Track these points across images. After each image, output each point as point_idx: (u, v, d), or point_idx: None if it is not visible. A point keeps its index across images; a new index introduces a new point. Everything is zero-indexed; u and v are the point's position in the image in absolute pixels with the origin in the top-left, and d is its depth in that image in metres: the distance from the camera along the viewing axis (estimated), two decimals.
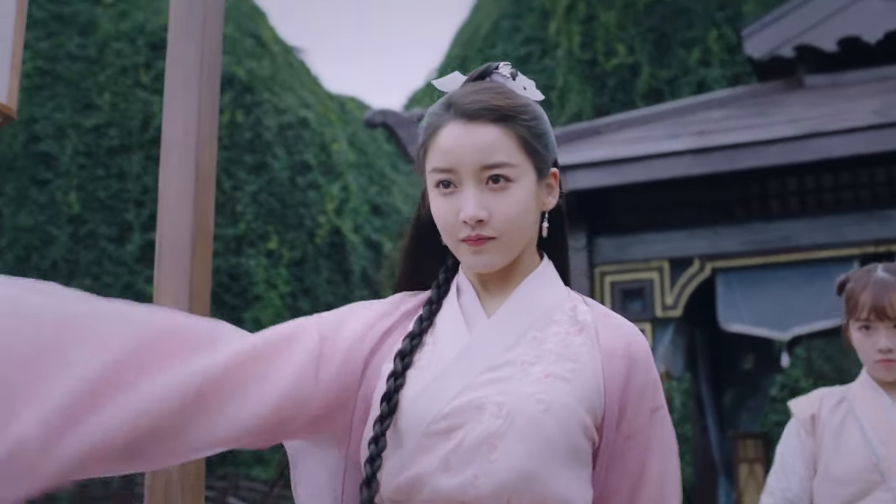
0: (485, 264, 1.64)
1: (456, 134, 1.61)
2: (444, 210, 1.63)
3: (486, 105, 1.62)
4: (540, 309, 1.68)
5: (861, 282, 2.88)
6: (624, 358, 1.64)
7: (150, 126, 20.36)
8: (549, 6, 18.87)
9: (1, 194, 20.05)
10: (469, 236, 1.61)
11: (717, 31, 17.00)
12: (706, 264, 6.95)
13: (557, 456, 1.53)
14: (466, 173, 1.60)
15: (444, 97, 1.68)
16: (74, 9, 21.56)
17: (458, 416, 1.55)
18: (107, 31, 21.43)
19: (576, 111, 17.45)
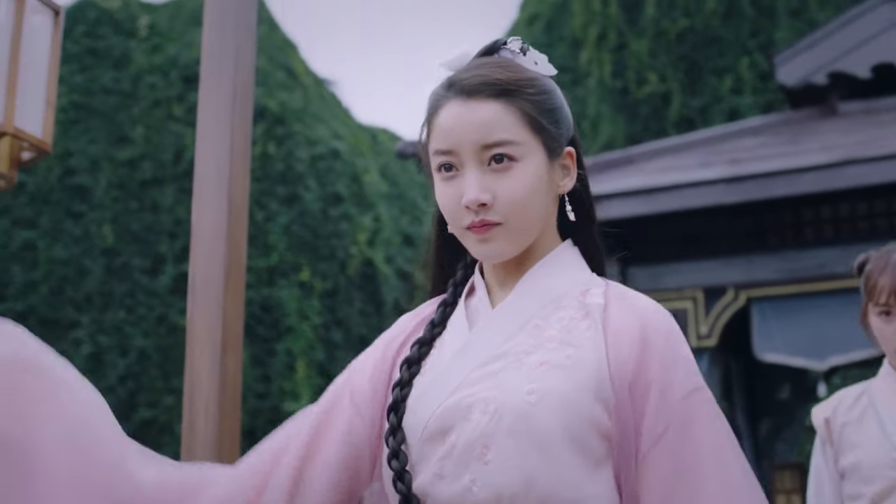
0: (492, 253, 1.51)
1: (455, 112, 1.50)
2: (447, 196, 1.51)
3: (486, 79, 1.50)
4: (547, 296, 1.53)
5: (880, 263, 2.59)
6: (636, 339, 1.45)
7: (183, 158, 20.49)
8: (580, 35, 18.88)
9: (36, 227, 20.21)
10: (473, 222, 1.48)
11: (749, 58, 16.95)
12: (740, 293, 6.89)
13: (559, 453, 1.37)
14: (467, 154, 1.48)
15: (448, 76, 1.56)
16: (109, 43, 21.79)
17: (450, 418, 1.43)
18: (140, 65, 21.64)
19: (608, 140, 17.42)
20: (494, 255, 1.52)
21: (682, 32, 17.59)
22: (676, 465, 1.39)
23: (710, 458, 1.40)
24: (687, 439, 1.41)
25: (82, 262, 20.23)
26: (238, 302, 2.39)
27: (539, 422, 1.37)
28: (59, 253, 20.11)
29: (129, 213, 20.64)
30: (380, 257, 23.10)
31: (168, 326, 20.81)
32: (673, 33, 17.63)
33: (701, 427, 1.43)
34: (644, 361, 1.44)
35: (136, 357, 20.94)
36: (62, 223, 20.34)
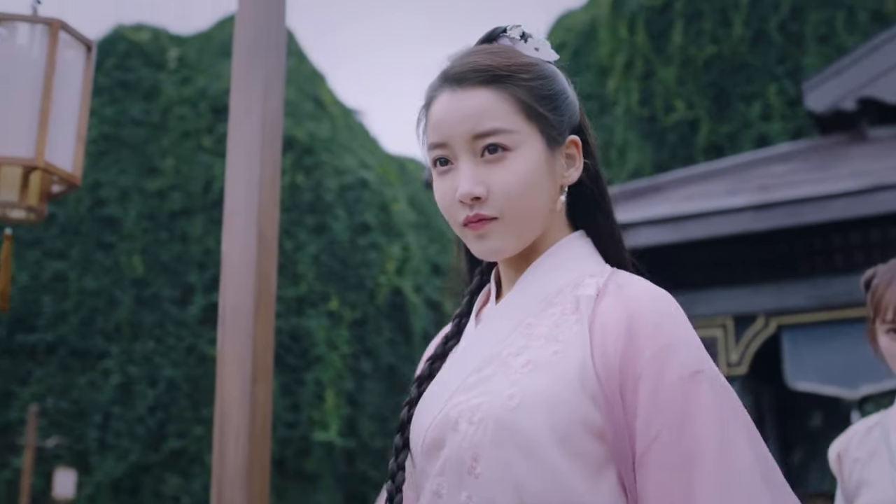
0: (491, 250, 1.41)
1: (445, 103, 1.41)
2: (442, 191, 1.42)
3: (475, 66, 1.41)
4: (542, 292, 1.43)
5: (887, 276, 2.33)
6: (621, 331, 1.31)
7: (212, 189, 20.62)
8: (606, 63, 18.91)
9: (66, 258, 20.36)
10: (468, 217, 1.38)
11: (777, 85, 16.92)
12: (771, 320, 6.85)
13: (549, 458, 1.26)
14: (459, 146, 1.39)
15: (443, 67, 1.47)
16: (139, 75, 22.00)
17: (441, 430, 1.35)
18: (170, 97, 21.83)
19: (635, 168, 17.42)
20: (493, 252, 1.42)
21: (710, 59, 17.58)
22: (673, 468, 1.25)
23: (710, 453, 1.25)
24: (684, 436, 1.26)
25: (112, 293, 20.35)
26: (268, 332, 2.40)
27: (522, 427, 1.27)
28: (90, 284, 20.24)
29: (159, 243, 20.77)
30: (408, 286, 23.13)
31: (197, 356, 20.89)
32: (700, 60, 17.63)
33: (701, 418, 1.27)
34: (630, 354, 1.29)
35: (165, 387, 21.01)
36: (92, 254, 20.49)
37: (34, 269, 19.77)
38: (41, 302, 19.79)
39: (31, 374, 19.59)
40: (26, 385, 19.50)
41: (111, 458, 19.29)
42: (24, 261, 19.83)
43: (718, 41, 17.56)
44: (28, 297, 19.52)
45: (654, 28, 18.32)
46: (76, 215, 20.51)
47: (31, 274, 19.69)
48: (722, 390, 1.30)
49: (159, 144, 21.41)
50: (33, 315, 19.61)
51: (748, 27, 17.38)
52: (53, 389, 19.36)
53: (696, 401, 1.27)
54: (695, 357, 1.31)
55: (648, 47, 18.23)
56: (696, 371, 1.29)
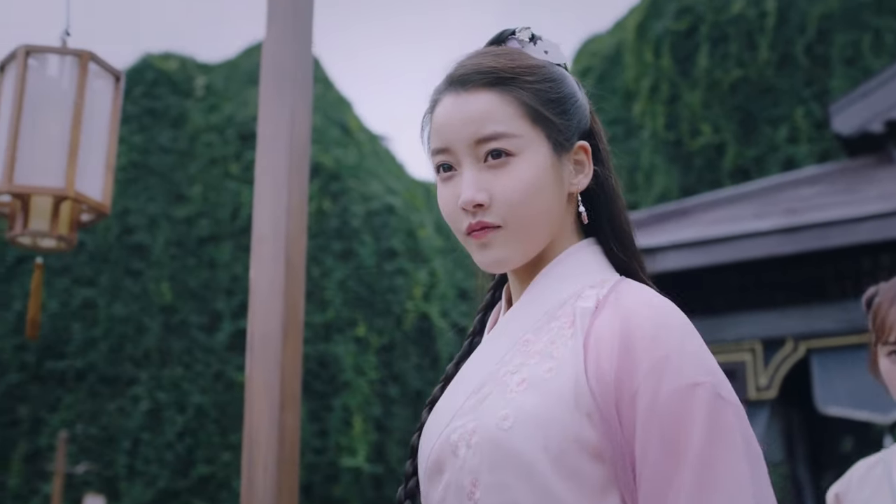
0: (493, 261, 1.35)
1: (447, 107, 1.36)
2: (444, 198, 1.36)
3: (478, 68, 1.36)
4: (546, 306, 1.36)
5: (889, 295, 2.11)
6: (615, 345, 1.23)
7: (240, 215, 20.71)
8: (632, 87, 18.91)
9: (95, 285, 20.47)
10: (471, 225, 1.33)
11: (804, 107, 16.86)
12: (800, 344, 6.81)
13: (546, 481, 1.20)
14: (462, 151, 1.33)
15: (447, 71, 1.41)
16: (166, 103, 22.16)
17: (441, 455, 1.30)
18: (197, 124, 21.97)
19: (662, 192, 17.37)
20: (496, 263, 1.35)
21: (736, 83, 17.55)
22: (656, 481, 1.18)
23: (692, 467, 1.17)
24: (670, 449, 1.18)
25: (141, 320, 20.44)
26: (296, 358, 2.41)
27: (517, 448, 1.21)
28: (119, 310, 20.34)
29: (187, 270, 20.86)
30: (435, 312, 23.12)
31: (225, 382, 20.94)
32: (726, 84, 17.59)
33: (691, 430, 1.18)
34: (626, 368, 1.22)
35: (193, 413, 21.06)
36: (121, 281, 20.59)
37: (64, 296, 19.90)
38: (71, 329, 19.90)
39: (60, 401, 19.68)
40: (56, 411, 19.58)
41: (140, 485, 19.32)
42: (53, 288, 19.96)
43: (744, 64, 17.53)
44: (58, 324, 19.63)
45: (679, 52, 18.32)
46: (105, 243, 20.64)
47: (61, 301, 19.81)
48: (723, 405, 1.20)
49: (187, 172, 21.54)
50: (63, 342, 19.72)
51: (774, 50, 17.35)
52: (83, 416, 19.44)
53: (690, 414, 1.19)
54: (694, 369, 1.21)
55: (674, 71, 18.22)
56: (694, 384, 1.20)
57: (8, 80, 2.38)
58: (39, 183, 2.23)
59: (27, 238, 2.35)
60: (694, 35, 18.30)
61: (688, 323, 1.28)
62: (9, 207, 2.34)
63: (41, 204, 2.26)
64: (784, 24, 17.46)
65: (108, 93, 2.43)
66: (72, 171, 2.23)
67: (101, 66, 2.41)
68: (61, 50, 2.41)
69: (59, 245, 2.33)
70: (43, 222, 2.26)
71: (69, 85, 2.33)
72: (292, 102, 2.53)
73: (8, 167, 2.23)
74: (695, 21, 18.39)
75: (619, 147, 18.98)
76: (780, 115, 17.08)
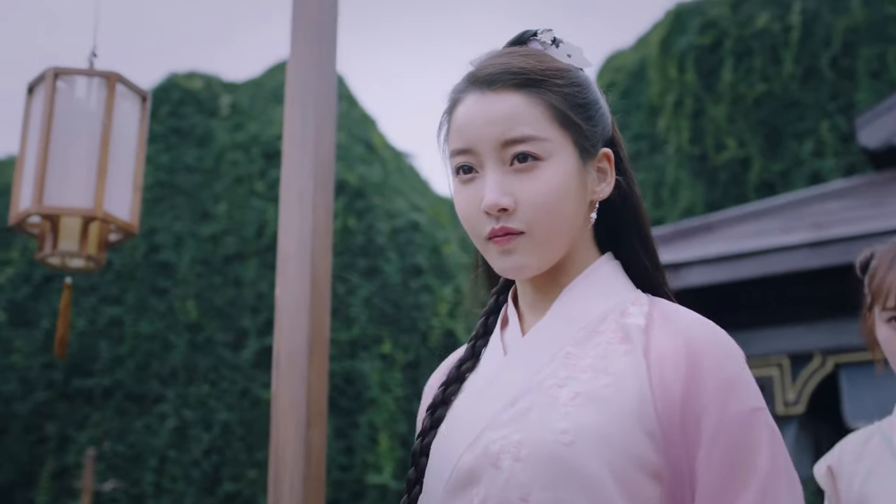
0: (515, 267, 1.31)
1: (472, 106, 1.31)
2: (465, 200, 1.32)
3: (507, 68, 1.32)
4: (582, 319, 1.33)
5: (888, 258, 2.06)
6: (681, 362, 1.25)
7: (265, 233, 20.76)
8: (656, 102, 18.88)
9: (122, 303, 20.56)
10: (493, 230, 1.29)
11: (829, 121, 16.78)
12: (828, 359, 6.76)
13: (609, 499, 1.18)
14: (486, 153, 1.29)
15: (469, 69, 1.38)
16: (192, 122, 22.27)
17: (476, 467, 1.24)
18: (223, 143, 22.07)
19: (687, 207, 17.32)
20: (518, 270, 1.32)
21: (760, 97, 17.50)
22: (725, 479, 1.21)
23: (761, 479, 1.22)
24: (746, 461, 1.22)
25: (167, 337, 20.51)
26: (322, 375, 2.41)
27: (580, 465, 1.18)
28: (145, 328, 20.42)
29: (213, 288, 20.92)
30: (461, 328, 23.09)
31: (251, 400, 20.96)
32: (751, 98, 17.54)
33: (762, 450, 1.24)
34: (693, 386, 1.24)
35: (220, 430, 21.10)
36: (147, 299, 20.68)
37: (91, 314, 19.99)
38: (98, 347, 19.99)
39: (88, 419, 19.75)
40: (83, 429, 19.66)
41: (167, 502, 19.36)
42: (80, 307, 20.06)
43: (769, 79, 17.48)
44: (85, 343, 19.73)
45: (703, 66, 18.28)
46: (131, 261, 20.74)
47: (88, 319, 19.90)
48: (776, 431, 1.28)
49: (212, 190, 21.63)
50: (90, 360, 19.80)
51: (799, 64, 17.29)
52: (110, 433, 19.51)
53: (759, 436, 1.24)
54: (754, 394, 1.28)
55: (698, 86, 18.18)
56: (756, 408, 1.27)
57: (36, 101, 2.41)
58: (68, 204, 2.25)
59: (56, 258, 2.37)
60: (718, 49, 18.26)
61: (740, 349, 1.36)
62: (38, 228, 2.36)
63: (70, 224, 2.28)
64: (809, 37, 17.40)
65: (135, 113, 2.45)
66: (100, 192, 2.25)
67: (128, 87, 2.43)
68: (89, 72, 2.43)
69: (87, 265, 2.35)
70: (72, 242, 2.28)
71: (97, 106, 2.35)
72: (317, 120, 2.54)
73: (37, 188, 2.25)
74: (719, 35, 18.35)
75: (643, 162, 18.95)
76: (805, 128, 17.01)
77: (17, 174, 2.52)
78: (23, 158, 2.51)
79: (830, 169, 16.27)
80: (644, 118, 19.12)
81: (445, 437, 1.31)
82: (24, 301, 20.02)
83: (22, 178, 2.43)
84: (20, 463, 19.08)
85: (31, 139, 2.44)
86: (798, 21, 17.49)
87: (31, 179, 2.32)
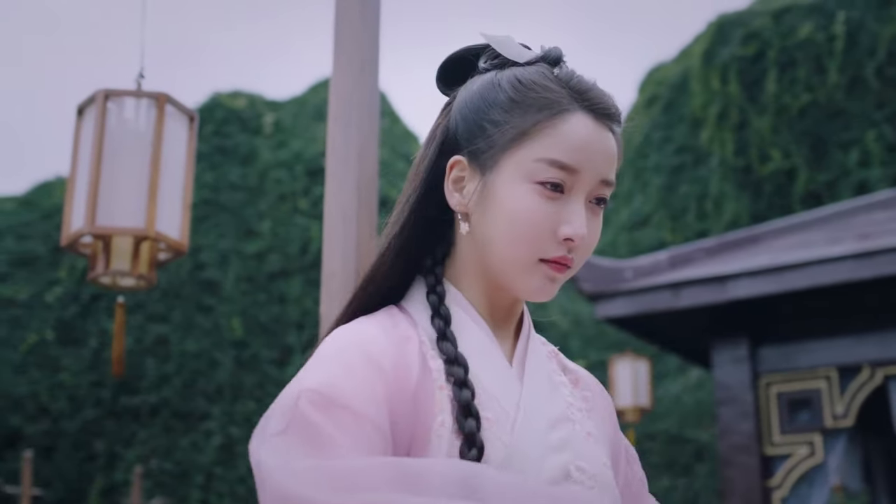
0: (551, 294, 1.30)
1: (590, 131, 1.27)
2: (541, 216, 1.25)
3: (614, 108, 1.31)
4: (542, 352, 1.38)
5: None
6: (608, 406, 1.44)
7: (309, 250, 20.86)
8: (700, 115, 18.80)
9: (168, 321, 20.71)
10: (562, 257, 1.26)
11: (875, 130, 16.63)
12: (877, 371, 6.70)
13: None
14: (585, 182, 1.26)
15: (556, 74, 1.30)
16: (236, 140, 22.43)
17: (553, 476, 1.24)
18: (266, 161, 22.21)
19: (732, 219, 17.22)
20: (548, 297, 1.30)
21: (805, 107, 17.38)
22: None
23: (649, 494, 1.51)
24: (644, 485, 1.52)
25: (213, 355, 20.63)
26: None
27: (617, 497, 1.33)
28: (191, 346, 20.54)
29: (258, 305, 21.03)
30: None
31: None
32: (795, 109, 17.43)
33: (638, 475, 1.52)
34: (615, 427, 1.47)
35: None
36: (193, 317, 20.81)
37: (137, 332, 20.15)
38: (144, 365, 20.14)
39: (135, 436, 19.90)
40: (131, 447, 19.81)
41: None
42: (127, 325, 20.22)
43: (813, 88, 17.36)
44: (132, 361, 19.90)
45: (747, 77, 18.19)
46: (177, 279, 20.89)
47: (135, 338, 20.06)
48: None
49: (257, 207, 21.76)
50: (137, 378, 19.95)
51: (843, 73, 17.17)
52: (157, 451, 19.64)
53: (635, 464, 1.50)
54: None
55: (742, 97, 18.09)
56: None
57: (87, 123, 2.44)
58: (121, 224, 2.27)
59: (108, 278, 2.40)
60: (761, 60, 18.17)
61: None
62: (90, 248, 2.39)
63: (122, 244, 2.31)
64: (853, 46, 17.27)
65: (184, 133, 2.48)
66: (152, 212, 2.28)
67: (177, 108, 2.46)
68: (137, 93, 2.47)
69: (138, 284, 2.37)
70: (124, 262, 2.31)
71: (146, 126, 2.38)
72: (360, 137, 2.55)
73: (90, 209, 2.28)
74: (762, 46, 18.26)
75: (687, 175, 18.86)
76: (851, 138, 16.87)
77: (69, 195, 2.55)
78: (73, 179, 2.54)
79: (877, 179, 16.12)
80: (687, 130, 19.04)
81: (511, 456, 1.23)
82: (73, 320, 20.22)
83: (73, 199, 2.46)
84: (69, 480, 19.25)
85: (81, 160, 2.47)
86: (842, 30, 17.36)
87: (82, 200, 2.35)
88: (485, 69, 1.37)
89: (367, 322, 1.32)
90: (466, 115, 1.34)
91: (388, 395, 1.21)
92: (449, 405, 1.23)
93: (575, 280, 7.17)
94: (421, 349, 1.28)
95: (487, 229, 1.30)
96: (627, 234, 19.42)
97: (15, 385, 19.44)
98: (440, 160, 1.36)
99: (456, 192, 1.34)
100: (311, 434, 1.15)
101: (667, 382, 16.65)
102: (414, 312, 1.35)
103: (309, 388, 1.21)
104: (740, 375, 6.83)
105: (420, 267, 1.38)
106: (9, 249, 20.37)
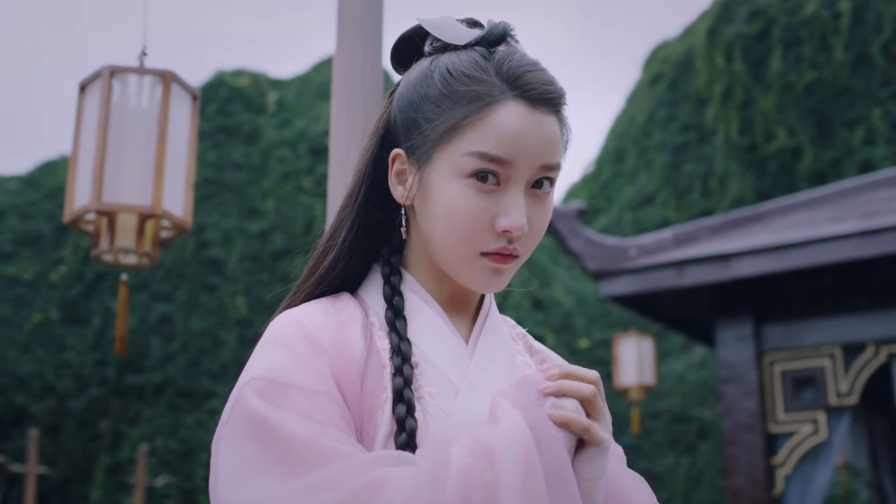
0: (498, 286, 1.29)
1: (522, 120, 1.23)
2: (476, 209, 1.23)
3: (557, 91, 1.27)
4: (505, 333, 1.39)
5: None
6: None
7: (313, 229, 20.85)
8: (704, 93, 18.75)
9: (172, 300, 20.73)
10: (503, 249, 1.25)
11: (880, 108, 16.59)
12: (881, 349, 6.69)
13: None
14: (521, 171, 1.24)
15: (490, 62, 1.27)
16: (239, 119, 22.40)
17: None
18: (270, 140, 22.19)
19: (737, 197, 17.20)
20: (497, 288, 1.30)
21: (810, 85, 17.33)
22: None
23: None
24: None
25: (217, 334, 20.66)
26: None
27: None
28: (195, 325, 20.58)
29: (262, 284, 21.05)
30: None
31: None
32: (800, 87, 17.38)
33: None
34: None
35: None
36: (197, 296, 20.84)
37: (141, 311, 20.17)
38: (149, 344, 20.17)
39: (140, 415, 19.95)
40: (136, 425, 19.86)
41: None
42: (132, 304, 20.27)
43: (818, 66, 17.31)
44: (136, 340, 19.93)
45: (751, 56, 18.14)
46: (181, 259, 20.91)
47: (140, 317, 20.09)
48: None
49: (260, 186, 21.75)
50: (142, 357, 19.99)
51: (849, 51, 17.11)
52: (162, 429, 19.69)
53: None
54: None
55: (747, 75, 18.04)
56: None
57: (90, 99, 2.43)
58: (126, 201, 2.26)
59: (111, 255, 2.39)
60: (766, 38, 18.11)
61: None
62: (94, 225, 2.38)
63: (126, 222, 2.30)
64: (859, 24, 17.21)
65: (187, 111, 2.47)
66: (158, 189, 2.27)
67: (181, 86, 2.45)
68: (142, 70, 2.45)
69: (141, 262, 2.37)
70: (128, 239, 2.30)
71: (150, 104, 2.37)
72: (363, 116, 2.55)
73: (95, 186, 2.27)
74: (767, 24, 18.20)
75: (692, 153, 18.82)
76: (856, 116, 16.83)
77: (71, 171, 2.54)
78: (76, 156, 2.53)
79: (882, 157, 16.09)
80: (692, 109, 19.00)
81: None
82: (77, 299, 20.25)
83: (77, 176, 2.45)
84: (75, 458, 19.32)
85: (85, 137, 2.46)
86: (848, 8, 17.30)
87: (87, 177, 2.34)
88: (428, 52, 1.34)
89: (307, 305, 1.35)
90: (403, 108, 1.33)
91: (333, 370, 1.22)
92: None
93: (579, 258, 7.18)
94: (368, 330, 1.30)
95: (428, 224, 1.30)
96: (632, 212, 19.41)
97: (20, 364, 19.47)
98: (383, 152, 1.36)
99: (399, 184, 1.33)
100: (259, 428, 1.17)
101: (671, 361, 16.67)
102: (367, 297, 1.36)
103: (254, 376, 1.22)
104: (744, 354, 6.82)
105: (377, 255, 1.39)
106: (13, 228, 20.36)
